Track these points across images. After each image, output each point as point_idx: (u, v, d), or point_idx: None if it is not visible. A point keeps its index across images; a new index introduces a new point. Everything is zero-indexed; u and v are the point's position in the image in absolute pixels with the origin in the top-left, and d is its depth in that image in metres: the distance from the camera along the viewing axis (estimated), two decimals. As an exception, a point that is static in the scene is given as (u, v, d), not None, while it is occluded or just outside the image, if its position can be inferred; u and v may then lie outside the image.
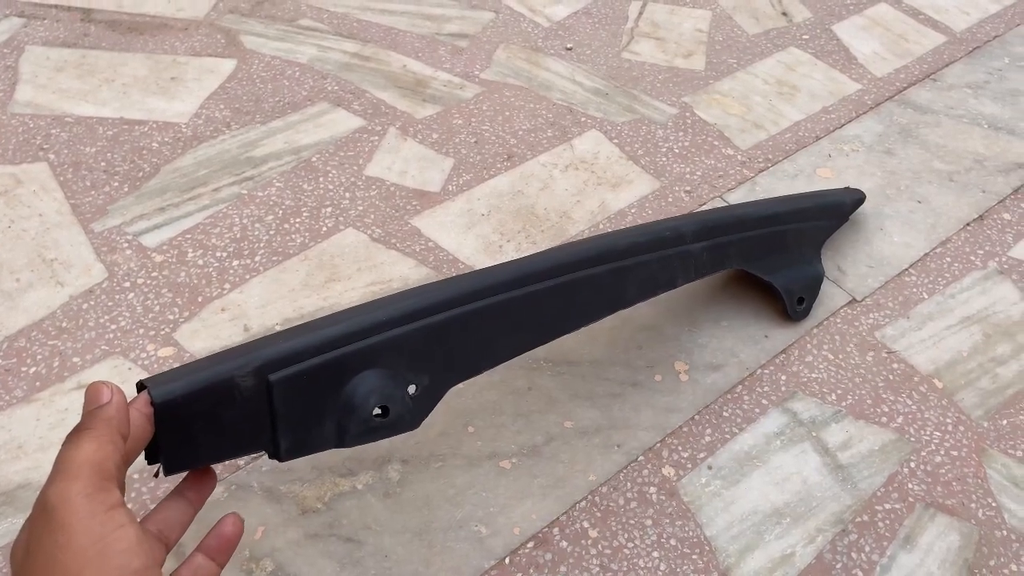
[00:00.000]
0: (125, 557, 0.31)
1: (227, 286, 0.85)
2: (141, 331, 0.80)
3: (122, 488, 0.37)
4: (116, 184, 0.94)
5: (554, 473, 0.72)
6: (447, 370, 0.59)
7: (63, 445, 0.36)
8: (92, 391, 0.39)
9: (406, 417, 0.55)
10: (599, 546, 0.68)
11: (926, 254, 0.93)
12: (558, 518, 0.70)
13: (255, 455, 0.54)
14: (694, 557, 0.68)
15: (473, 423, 0.75)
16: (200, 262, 0.87)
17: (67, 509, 0.32)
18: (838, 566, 0.68)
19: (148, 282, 0.84)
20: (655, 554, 0.68)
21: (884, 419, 0.78)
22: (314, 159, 0.99)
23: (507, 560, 0.67)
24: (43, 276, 0.84)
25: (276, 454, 0.50)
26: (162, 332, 0.80)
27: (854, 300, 0.87)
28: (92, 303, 0.82)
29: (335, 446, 0.53)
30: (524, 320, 0.64)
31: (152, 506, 0.45)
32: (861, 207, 0.94)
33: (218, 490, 0.69)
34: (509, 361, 0.79)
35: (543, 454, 0.73)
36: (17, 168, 0.95)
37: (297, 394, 0.49)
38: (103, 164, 0.96)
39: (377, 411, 0.53)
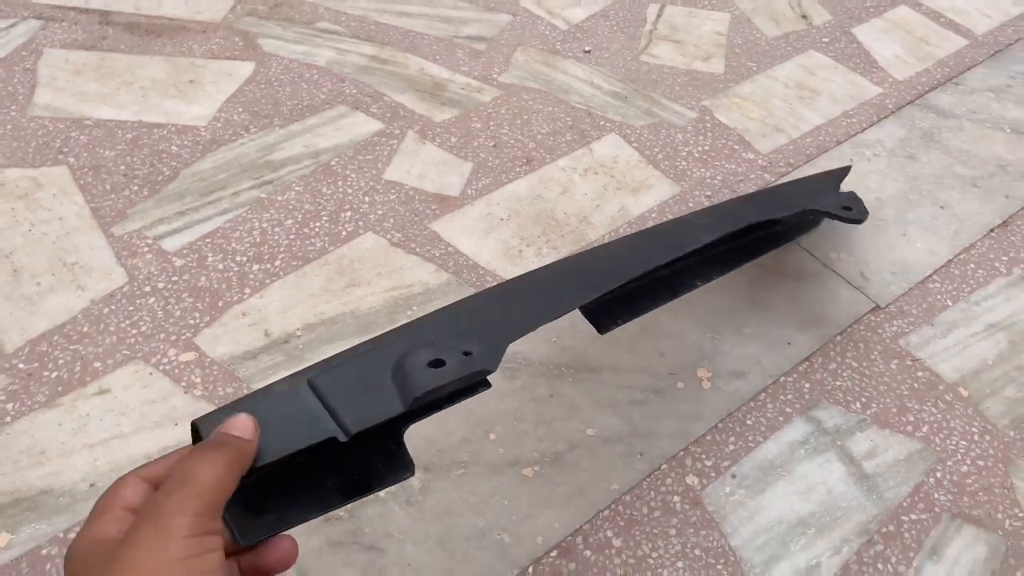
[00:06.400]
0: None
1: (247, 291, 0.84)
2: (162, 336, 0.80)
3: None
4: (136, 188, 0.94)
5: (577, 481, 0.72)
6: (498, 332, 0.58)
7: (195, 455, 0.37)
8: (244, 423, 0.40)
9: (477, 359, 0.53)
10: (623, 555, 0.68)
11: (950, 260, 0.92)
12: (581, 527, 0.69)
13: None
14: (719, 567, 0.67)
15: (495, 430, 0.75)
16: (220, 266, 0.86)
17: (178, 521, 0.34)
18: (864, 577, 0.67)
19: (169, 286, 0.84)
20: (680, 564, 0.67)
21: (909, 428, 0.77)
22: (333, 163, 0.98)
23: (530, 569, 0.67)
24: (64, 280, 0.84)
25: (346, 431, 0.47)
26: (183, 337, 0.80)
27: (877, 307, 0.86)
28: (113, 307, 0.82)
29: (403, 407, 0.49)
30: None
31: None
32: (883, 212, 0.94)
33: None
34: (530, 368, 0.78)
35: (566, 462, 0.73)
36: (37, 171, 0.95)
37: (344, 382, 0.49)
38: (122, 167, 0.96)
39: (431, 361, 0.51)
